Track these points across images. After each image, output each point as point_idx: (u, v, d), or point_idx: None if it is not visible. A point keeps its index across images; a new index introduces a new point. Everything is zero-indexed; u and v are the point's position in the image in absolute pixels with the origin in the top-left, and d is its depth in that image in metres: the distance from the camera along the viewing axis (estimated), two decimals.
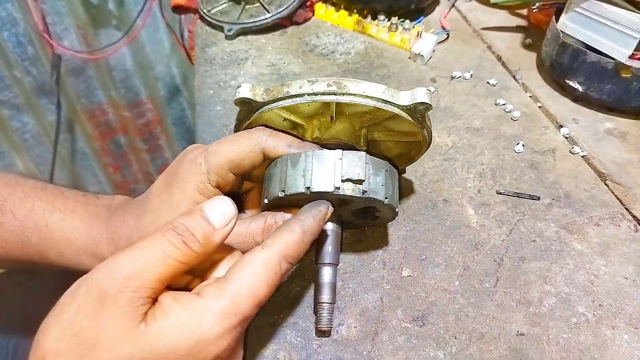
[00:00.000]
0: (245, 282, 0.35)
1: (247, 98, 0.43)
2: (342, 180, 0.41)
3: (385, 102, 0.41)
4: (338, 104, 0.43)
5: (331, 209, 0.41)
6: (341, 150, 0.41)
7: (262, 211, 0.47)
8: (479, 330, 0.45)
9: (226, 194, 0.46)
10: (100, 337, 0.32)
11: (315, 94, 0.41)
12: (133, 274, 0.33)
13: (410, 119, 0.42)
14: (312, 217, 0.39)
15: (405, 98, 0.41)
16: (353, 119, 0.46)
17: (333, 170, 0.41)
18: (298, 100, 0.41)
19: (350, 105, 0.43)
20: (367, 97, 0.41)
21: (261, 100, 0.43)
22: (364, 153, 0.42)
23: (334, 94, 0.41)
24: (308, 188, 0.40)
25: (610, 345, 0.44)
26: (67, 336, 0.32)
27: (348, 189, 0.41)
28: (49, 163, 1.59)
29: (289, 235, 0.38)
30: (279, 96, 0.42)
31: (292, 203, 0.44)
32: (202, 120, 0.70)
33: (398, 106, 0.42)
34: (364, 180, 0.41)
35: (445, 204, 0.57)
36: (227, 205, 0.37)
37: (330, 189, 0.40)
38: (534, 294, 0.48)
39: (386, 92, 0.41)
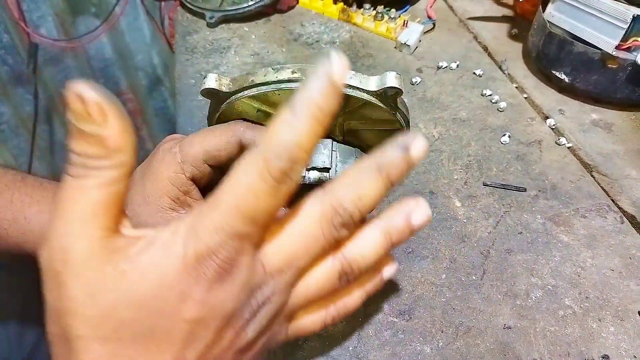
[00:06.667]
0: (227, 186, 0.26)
1: (213, 89, 0.41)
2: (308, 169, 0.40)
3: (354, 88, 0.40)
4: None
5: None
6: None
7: None
8: (465, 324, 0.45)
9: (203, 187, 0.45)
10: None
11: (280, 81, 0.39)
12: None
13: (381, 104, 0.41)
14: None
15: (374, 83, 0.40)
16: None
17: None
18: (264, 88, 0.40)
19: None
20: None
21: (227, 90, 0.42)
22: (329, 140, 0.41)
23: (299, 80, 0.39)
24: None
25: (597, 337, 0.44)
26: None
27: (314, 178, 0.40)
28: (27, 155, 1.54)
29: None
30: (244, 85, 0.41)
31: None
32: (182, 111, 0.68)
33: (367, 92, 0.40)
34: (329, 168, 0.40)
35: (432, 196, 0.56)
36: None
37: None
38: (520, 286, 0.48)
39: (354, 77, 0.40)
